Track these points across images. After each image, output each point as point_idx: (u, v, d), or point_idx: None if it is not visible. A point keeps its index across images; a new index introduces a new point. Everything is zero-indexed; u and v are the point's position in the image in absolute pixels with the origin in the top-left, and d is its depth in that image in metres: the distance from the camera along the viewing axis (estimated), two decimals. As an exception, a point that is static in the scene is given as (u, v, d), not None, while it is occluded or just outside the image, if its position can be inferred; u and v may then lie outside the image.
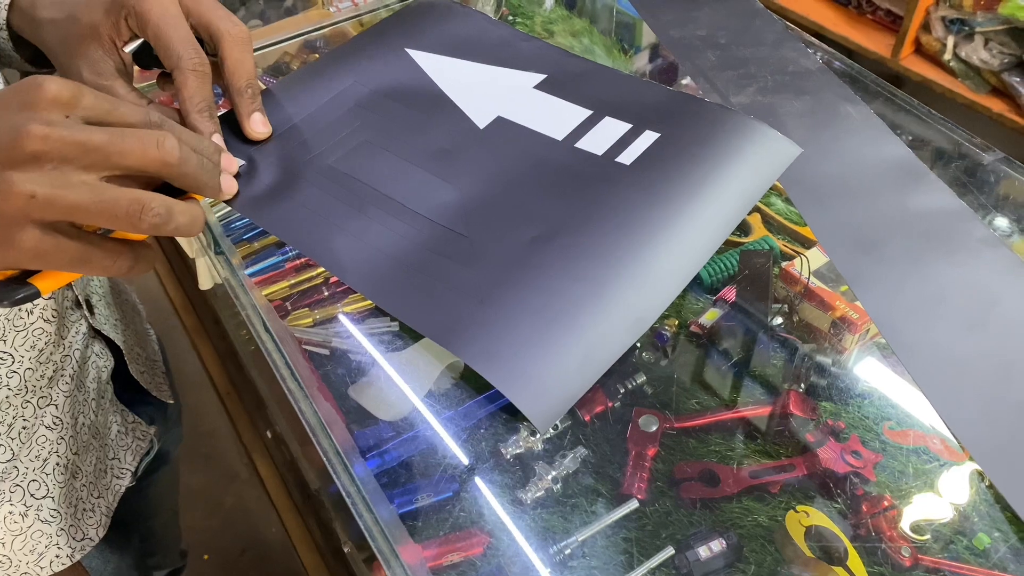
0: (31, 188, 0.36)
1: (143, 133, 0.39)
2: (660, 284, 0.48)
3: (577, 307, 0.46)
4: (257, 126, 0.53)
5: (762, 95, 0.58)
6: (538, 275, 0.48)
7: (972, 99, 1.64)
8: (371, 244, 0.50)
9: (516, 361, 0.44)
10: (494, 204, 0.52)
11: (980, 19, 1.57)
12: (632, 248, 0.49)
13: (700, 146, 0.53)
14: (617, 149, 0.54)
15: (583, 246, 0.49)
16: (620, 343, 0.46)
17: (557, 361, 0.45)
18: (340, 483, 0.47)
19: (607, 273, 0.48)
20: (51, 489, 0.65)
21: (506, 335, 0.45)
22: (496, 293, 0.47)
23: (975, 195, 0.63)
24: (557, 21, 1.04)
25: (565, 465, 0.59)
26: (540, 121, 0.57)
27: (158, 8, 0.48)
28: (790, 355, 0.64)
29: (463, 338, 0.45)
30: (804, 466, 0.58)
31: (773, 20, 0.66)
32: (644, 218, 0.50)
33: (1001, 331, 0.46)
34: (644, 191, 0.51)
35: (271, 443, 1.42)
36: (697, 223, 0.50)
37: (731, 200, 0.51)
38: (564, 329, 0.46)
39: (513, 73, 0.62)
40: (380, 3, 0.95)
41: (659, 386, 0.63)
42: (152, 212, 0.39)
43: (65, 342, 0.65)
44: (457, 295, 0.47)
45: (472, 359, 0.45)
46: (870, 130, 0.57)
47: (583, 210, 0.51)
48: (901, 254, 0.50)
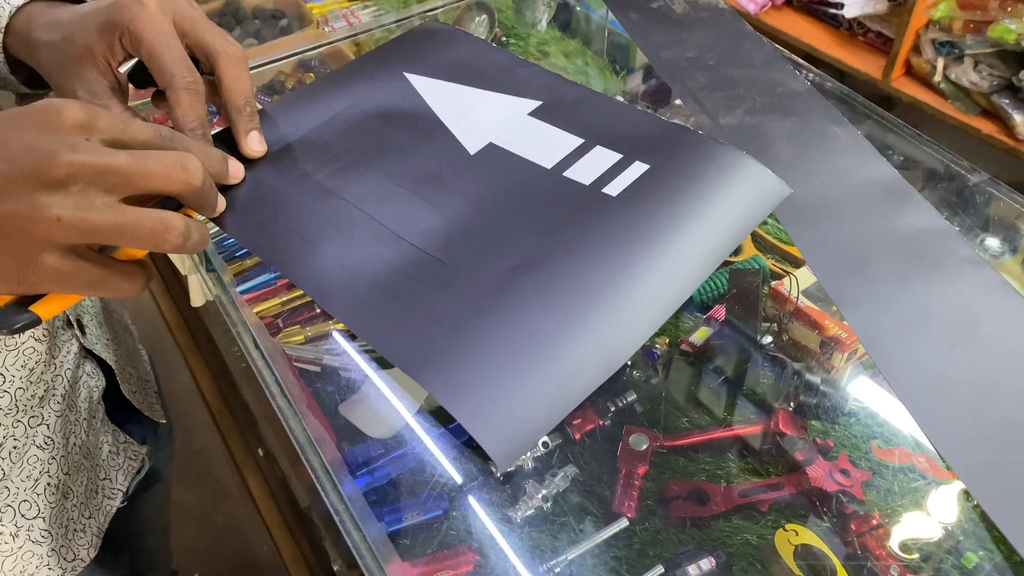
0: (57, 212, 0.36)
1: (165, 155, 0.40)
2: (636, 322, 0.47)
3: (550, 341, 0.46)
4: (254, 144, 0.54)
5: (750, 116, 0.59)
6: (513, 306, 0.47)
7: (962, 120, 1.65)
8: (350, 268, 0.50)
9: (482, 395, 0.44)
10: (477, 231, 0.52)
11: (969, 42, 1.59)
12: (611, 283, 0.48)
13: (689, 181, 0.53)
14: (605, 179, 0.54)
15: (561, 279, 0.48)
16: (591, 380, 0.45)
17: (524, 396, 0.44)
18: (329, 501, 0.47)
19: (583, 308, 0.47)
20: (42, 509, 0.64)
21: (474, 366, 0.45)
22: (469, 322, 0.46)
23: (960, 215, 0.64)
24: (550, 42, 1.05)
25: (555, 483, 0.59)
26: (531, 148, 0.57)
27: (152, 28, 0.48)
28: (779, 374, 0.64)
29: (430, 367, 0.45)
30: (793, 484, 0.58)
31: (762, 42, 0.66)
32: (625, 253, 0.49)
33: (985, 350, 0.46)
34: (628, 225, 0.50)
35: (263, 461, 1.42)
36: (678, 260, 0.49)
37: (715, 238, 0.51)
38: (535, 363, 0.45)
39: (509, 99, 0.62)
40: (375, 23, 0.96)
41: (649, 404, 0.63)
42: (176, 232, 0.40)
43: (56, 362, 0.65)
44: (429, 322, 0.47)
45: (436, 390, 0.44)
46: (857, 151, 0.57)
47: (564, 242, 0.50)
48: (887, 273, 0.50)
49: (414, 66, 0.65)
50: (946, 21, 1.60)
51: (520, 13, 1.04)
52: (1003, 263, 0.67)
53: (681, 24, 0.68)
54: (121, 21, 0.48)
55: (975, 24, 1.55)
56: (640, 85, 0.99)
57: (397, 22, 0.91)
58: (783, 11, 1.93)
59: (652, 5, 0.70)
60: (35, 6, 0.53)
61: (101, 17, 0.49)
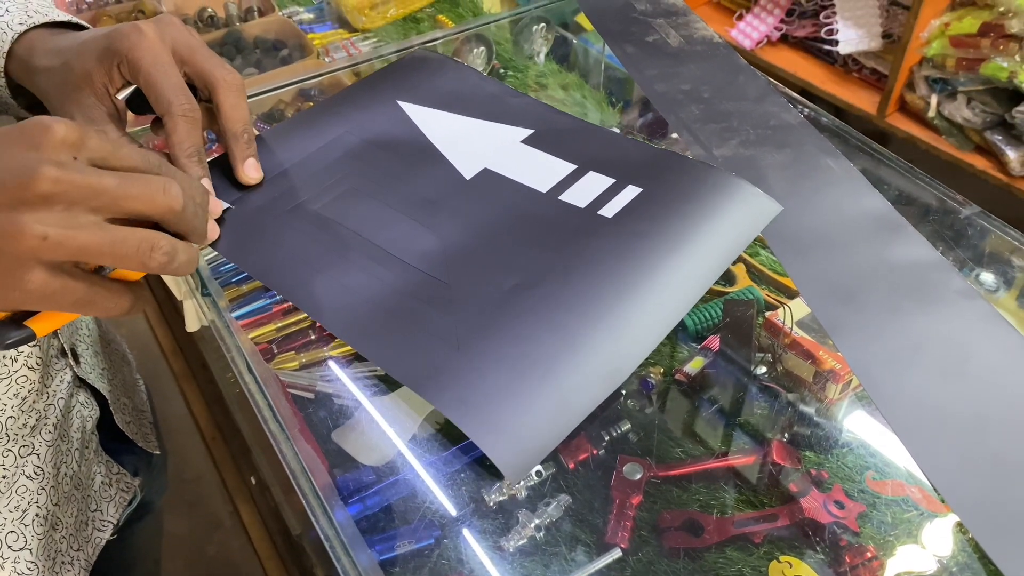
0: (42, 229, 0.36)
1: (149, 179, 0.40)
2: (637, 337, 0.48)
3: (553, 357, 0.46)
4: (250, 171, 0.54)
5: (744, 148, 0.60)
6: (516, 323, 0.48)
7: (956, 156, 1.67)
8: (352, 289, 0.50)
9: (489, 409, 0.44)
10: (476, 252, 0.52)
11: (962, 79, 1.61)
12: (611, 300, 0.49)
13: (681, 201, 0.54)
14: (600, 202, 0.54)
15: (563, 296, 0.49)
16: (595, 395, 0.46)
17: (531, 411, 0.44)
18: (319, 527, 0.47)
19: (585, 324, 0.48)
20: (29, 541, 0.63)
21: (481, 382, 0.45)
22: (473, 340, 0.47)
23: (952, 248, 0.64)
24: (548, 75, 1.06)
25: (548, 513, 0.58)
26: (525, 174, 0.58)
27: (149, 56, 0.49)
28: (774, 404, 0.64)
29: (437, 384, 0.45)
30: (788, 516, 0.57)
31: (756, 76, 0.67)
32: (624, 270, 0.50)
33: (977, 381, 0.46)
34: (625, 244, 0.51)
35: (255, 490, 1.40)
36: (676, 277, 0.50)
37: (710, 255, 0.51)
38: (539, 378, 0.45)
39: (501, 127, 0.63)
40: (375, 54, 0.97)
41: (644, 434, 0.63)
42: (161, 251, 0.40)
43: (49, 390, 0.65)
44: (434, 341, 0.47)
45: (445, 406, 0.44)
46: (850, 183, 0.58)
47: (564, 261, 0.51)
48: (880, 304, 0.50)
49: (407, 94, 0.66)
50: (939, 59, 1.62)
51: (518, 45, 1.05)
52: (998, 298, 0.68)
53: (676, 58, 0.69)
54: (120, 49, 0.49)
55: (967, 62, 1.58)
56: (637, 118, 1.00)
57: (396, 52, 0.93)
58: (779, 47, 1.96)
59: (648, 39, 0.71)
60: (37, 33, 0.54)
61: (100, 45, 0.50)
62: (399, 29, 1.21)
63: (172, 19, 0.52)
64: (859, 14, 1.78)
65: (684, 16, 0.74)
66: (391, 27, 1.21)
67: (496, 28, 1.04)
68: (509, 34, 1.05)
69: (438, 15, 1.22)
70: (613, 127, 0.98)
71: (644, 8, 0.74)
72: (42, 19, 0.55)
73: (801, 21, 1.91)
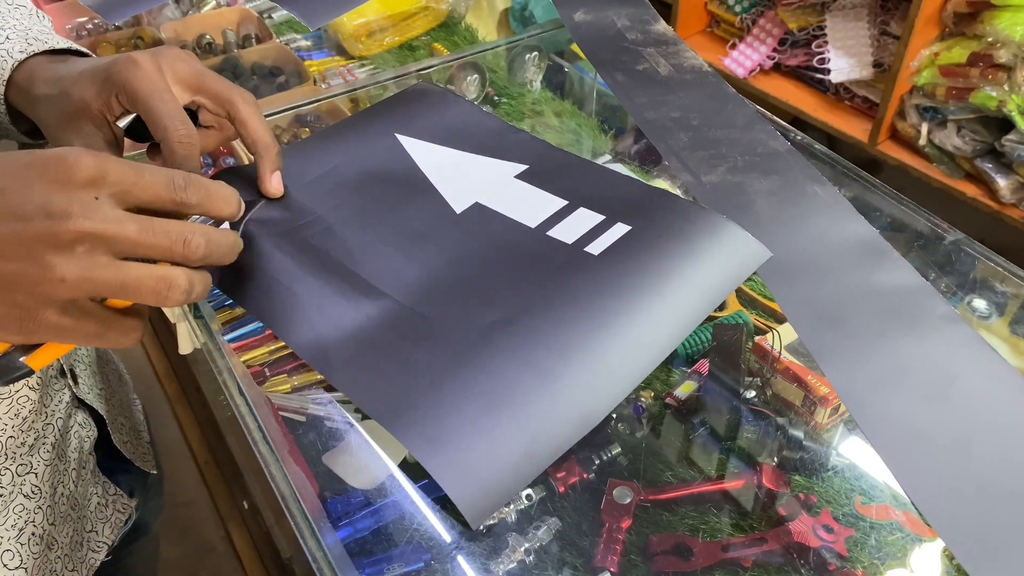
0: (62, 272, 0.37)
1: (169, 229, 0.41)
2: (614, 378, 0.47)
3: (526, 397, 0.46)
4: (276, 183, 0.55)
5: (732, 175, 0.60)
6: (491, 362, 0.47)
7: (947, 183, 1.68)
8: (331, 319, 0.50)
9: (457, 450, 0.43)
10: (459, 286, 0.52)
11: (952, 107, 1.63)
12: (589, 340, 0.48)
13: (669, 241, 0.53)
14: (587, 239, 0.54)
15: (539, 335, 0.48)
16: (567, 437, 0.45)
17: (499, 453, 0.44)
18: (308, 551, 0.47)
19: (560, 365, 0.47)
20: (24, 560, 0.63)
21: (450, 421, 0.45)
22: (447, 377, 0.47)
23: (937, 273, 0.65)
24: (542, 102, 1.07)
25: (538, 536, 0.59)
26: (516, 208, 0.58)
27: (147, 85, 0.50)
28: (763, 428, 0.64)
29: (406, 421, 0.45)
30: (776, 540, 0.58)
31: (744, 104, 0.68)
32: (605, 310, 0.49)
33: (961, 405, 0.46)
34: (608, 283, 0.51)
35: (247, 514, 1.40)
36: (657, 319, 0.50)
37: (694, 298, 0.51)
38: (510, 419, 0.45)
39: (496, 162, 0.63)
40: (371, 81, 0.98)
41: (633, 457, 0.64)
42: (180, 290, 0.41)
43: (47, 410, 0.65)
44: (408, 376, 0.47)
45: (411, 443, 0.44)
46: (836, 209, 0.59)
47: (545, 298, 0.50)
48: (865, 329, 0.51)
49: (405, 128, 0.66)
50: (929, 87, 1.64)
51: (512, 73, 1.06)
52: (989, 324, 0.68)
53: (666, 86, 0.70)
54: (117, 80, 0.50)
55: (957, 91, 1.59)
56: (631, 145, 1.01)
57: (393, 79, 0.94)
58: (772, 76, 1.98)
59: (638, 68, 0.72)
60: (37, 61, 0.55)
61: (98, 75, 0.51)
62: (395, 57, 1.23)
63: (171, 49, 0.53)
64: (850, 44, 1.80)
65: (674, 45, 0.75)
66: (387, 55, 1.23)
67: (492, 56, 1.05)
68: (504, 62, 1.07)
69: (434, 43, 1.24)
70: (606, 154, 1.00)
71: (635, 37, 0.76)
72: (42, 46, 0.56)
73: (793, 50, 1.94)
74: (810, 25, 1.88)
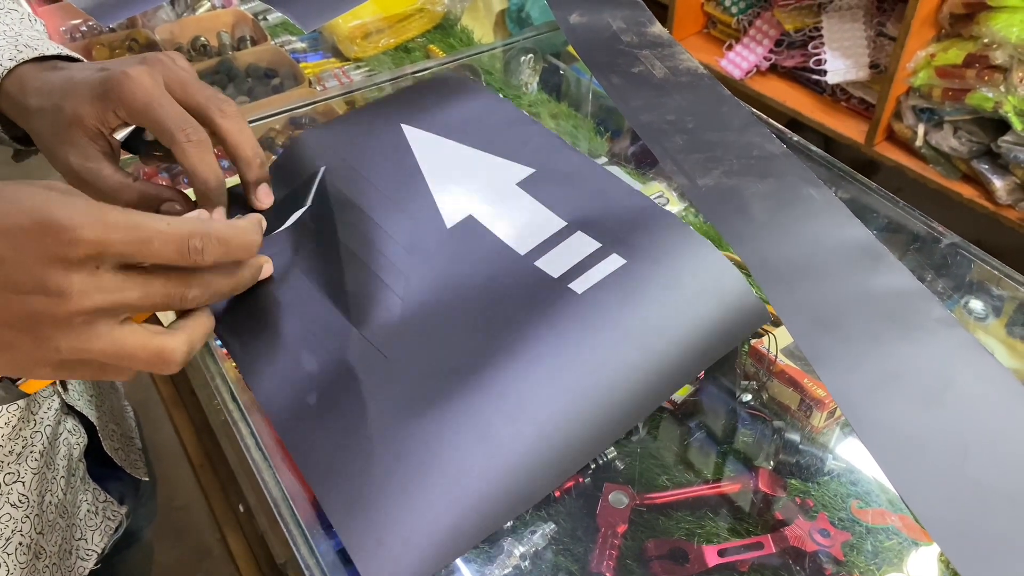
0: (58, 344, 0.37)
1: (170, 289, 0.40)
2: (569, 452, 0.44)
3: (467, 468, 0.42)
4: (263, 196, 0.54)
5: (727, 178, 0.60)
6: (439, 422, 0.44)
7: (944, 184, 1.69)
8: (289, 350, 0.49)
9: (376, 521, 0.41)
10: (428, 322, 0.49)
11: (948, 109, 1.63)
12: (552, 405, 0.44)
13: (663, 289, 0.49)
14: (575, 272, 0.50)
15: (497, 394, 0.45)
16: (503, 514, 0.42)
17: (425, 528, 0.41)
18: (300, 557, 0.47)
19: (512, 432, 0.43)
20: (11, 570, 0.63)
21: (376, 488, 0.42)
22: (385, 437, 0.44)
23: (932, 276, 0.65)
24: (538, 104, 1.07)
25: (534, 542, 0.58)
26: (510, 228, 0.54)
27: (143, 96, 0.49)
28: (759, 432, 0.64)
29: (330, 483, 0.42)
30: (773, 544, 0.57)
31: (739, 106, 0.68)
32: (574, 368, 0.45)
33: (957, 409, 0.46)
34: (587, 329, 0.47)
35: (243, 517, 1.39)
36: (633, 381, 0.45)
37: (679, 359, 0.47)
38: (444, 491, 0.42)
39: (501, 163, 0.59)
40: (366, 82, 0.98)
41: (629, 461, 0.63)
42: (175, 364, 0.40)
43: (36, 418, 0.64)
44: (346, 433, 0.44)
45: (329, 506, 0.42)
46: (831, 212, 0.58)
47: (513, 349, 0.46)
48: (861, 333, 0.50)
49: (413, 118, 0.63)
50: (925, 89, 1.64)
51: (508, 75, 1.06)
52: (986, 325, 0.68)
53: (661, 88, 0.70)
54: (112, 96, 0.49)
55: (953, 92, 1.60)
56: (628, 147, 1.01)
57: (389, 81, 0.94)
58: (768, 77, 1.98)
59: (633, 70, 0.72)
60: (27, 68, 0.54)
61: (93, 89, 0.50)
62: (391, 59, 1.23)
63: (160, 56, 0.52)
64: (847, 45, 1.80)
65: (670, 48, 0.75)
66: (383, 57, 1.23)
67: (487, 58, 1.05)
68: (500, 64, 1.06)
69: (429, 45, 1.24)
70: (602, 156, 0.99)
71: (630, 40, 0.75)
72: (32, 53, 0.55)
73: (790, 51, 1.94)
74: (806, 26, 1.88)
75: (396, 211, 0.56)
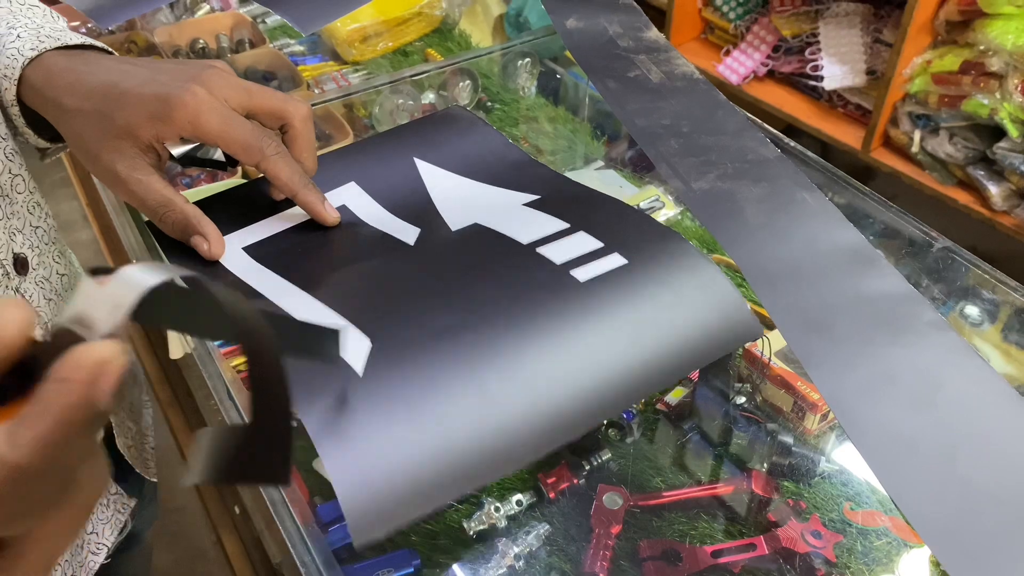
0: None
1: None
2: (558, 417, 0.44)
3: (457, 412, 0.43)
4: (332, 212, 0.57)
5: (722, 181, 0.61)
6: (430, 367, 0.44)
7: (940, 191, 1.69)
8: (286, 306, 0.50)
9: (363, 452, 0.40)
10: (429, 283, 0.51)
11: (944, 115, 1.64)
12: (545, 368, 0.45)
13: (662, 288, 0.50)
14: (577, 263, 0.51)
15: (493, 348, 0.45)
16: (492, 467, 0.42)
17: (412, 466, 0.41)
18: (297, 555, 0.47)
19: (505, 385, 0.44)
20: None
21: (365, 420, 0.42)
22: (377, 374, 0.44)
23: (925, 280, 0.66)
24: (536, 108, 1.07)
25: (528, 542, 0.59)
26: (513, 227, 0.56)
27: (216, 117, 0.50)
28: (753, 434, 0.65)
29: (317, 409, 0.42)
30: (766, 545, 0.58)
31: (734, 111, 0.69)
32: (572, 341, 0.46)
33: (948, 412, 0.47)
34: (585, 313, 0.48)
35: (239, 519, 1.39)
36: (626, 367, 0.46)
37: (671, 357, 0.48)
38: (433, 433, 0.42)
39: (508, 193, 0.61)
40: (364, 85, 0.99)
41: (623, 463, 0.64)
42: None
43: None
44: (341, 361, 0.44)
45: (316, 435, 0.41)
46: (825, 216, 0.59)
47: (511, 312, 0.48)
48: (852, 335, 0.51)
49: (425, 152, 0.65)
50: (922, 95, 1.65)
51: (505, 79, 1.07)
52: (979, 331, 0.69)
53: (657, 93, 0.70)
54: (181, 116, 0.50)
55: (949, 98, 1.60)
56: (625, 151, 1.01)
57: (387, 84, 0.94)
58: (766, 83, 1.99)
59: (629, 75, 0.72)
60: (51, 58, 0.54)
61: (150, 107, 0.50)
62: (389, 62, 1.23)
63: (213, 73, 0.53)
64: (844, 51, 1.81)
65: (666, 52, 0.76)
66: (381, 60, 1.23)
67: (485, 62, 1.05)
68: (497, 68, 1.07)
69: (427, 49, 1.24)
70: (599, 159, 1.00)
71: (626, 45, 0.76)
72: (54, 43, 0.55)
73: (787, 57, 1.94)
74: (804, 32, 1.89)
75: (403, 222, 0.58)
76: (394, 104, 0.96)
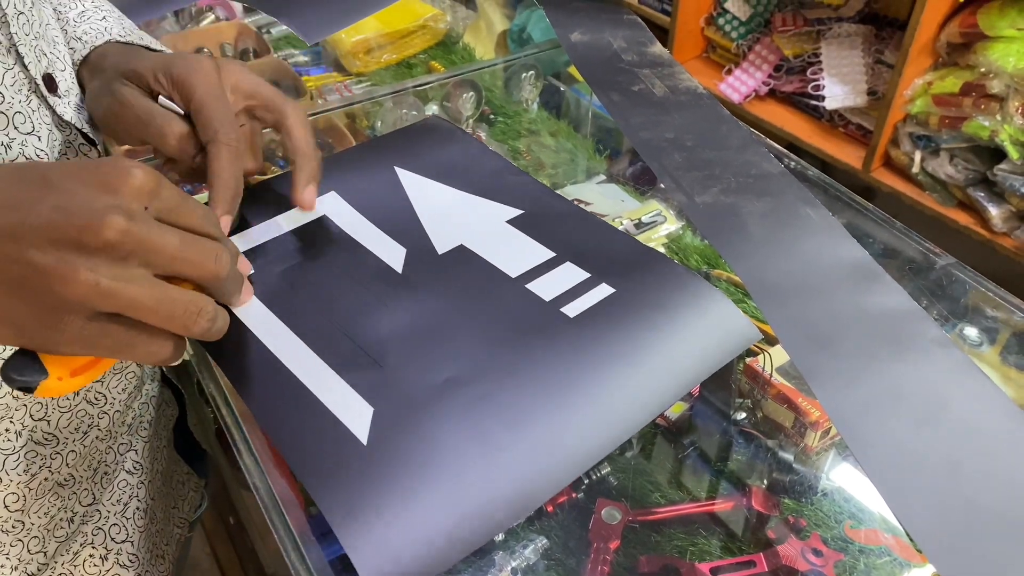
0: (95, 278, 0.35)
1: (204, 243, 0.39)
2: (566, 460, 0.44)
3: (465, 471, 0.43)
4: (308, 195, 0.55)
5: (725, 195, 0.61)
6: (436, 426, 0.44)
7: (940, 211, 1.69)
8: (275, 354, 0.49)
9: (375, 523, 0.40)
10: (422, 336, 0.50)
11: (945, 136, 1.64)
12: (548, 413, 0.45)
13: (652, 310, 0.51)
14: (567, 298, 0.52)
15: (495, 401, 0.45)
16: (502, 519, 0.42)
17: (423, 532, 0.41)
18: (291, 565, 0.46)
19: (511, 436, 0.44)
20: (131, 533, 0.66)
21: (375, 490, 0.42)
22: (383, 439, 0.44)
23: (928, 297, 0.65)
24: (538, 122, 1.08)
25: (525, 556, 0.58)
26: (500, 255, 0.56)
27: (205, 84, 0.51)
28: (753, 450, 0.64)
29: (328, 484, 0.42)
30: (766, 563, 0.57)
31: (738, 126, 0.69)
32: (570, 382, 0.47)
33: (952, 430, 0.46)
34: (579, 351, 0.48)
35: (233, 530, 1.38)
36: (627, 396, 0.47)
37: (671, 377, 0.48)
38: (443, 494, 0.42)
39: (491, 204, 0.61)
40: (368, 95, 0.99)
41: (623, 477, 0.63)
42: (207, 316, 0.39)
43: (144, 388, 0.67)
44: (340, 432, 0.44)
45: (327, 508, 0.41)
46: (828, 232, 0.59)
47: (509, 360, 0.48)
48: (857, 352, 0.51)
49: (406, 161, 0.65)
50: (923, 116, 1.66)
51: (508, 92, 1.07)
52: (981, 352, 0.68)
53: (661, 107, 0.70)
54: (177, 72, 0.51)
55: (950, 120, 1.61)
56: (627, 167, 1.01)
57: (389, 95, 0.94)
58: (766, 101, 2.00)
59: (633, 88, 0.72)
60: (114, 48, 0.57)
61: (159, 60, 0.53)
62: (392, 74, 1.23)
63: (233, 63, 0.55)
64: (845, 71, 1.82)
65: (670, 67, 0.76)
66: (384, 71, 1.23)
67: (488, 75, 1.06)
68: (500, 81, 1.07)
69: (431, 61, 1.24)
70: (600, 174, 1.00)
71: (631, 59, 0.76)
72: (138, 40, 0.58)
73: (789, 77, 1.95)
74: (805, 52, 1.90)
75: (387, 241, 0.58)
76: (397, 115, 0.96)
